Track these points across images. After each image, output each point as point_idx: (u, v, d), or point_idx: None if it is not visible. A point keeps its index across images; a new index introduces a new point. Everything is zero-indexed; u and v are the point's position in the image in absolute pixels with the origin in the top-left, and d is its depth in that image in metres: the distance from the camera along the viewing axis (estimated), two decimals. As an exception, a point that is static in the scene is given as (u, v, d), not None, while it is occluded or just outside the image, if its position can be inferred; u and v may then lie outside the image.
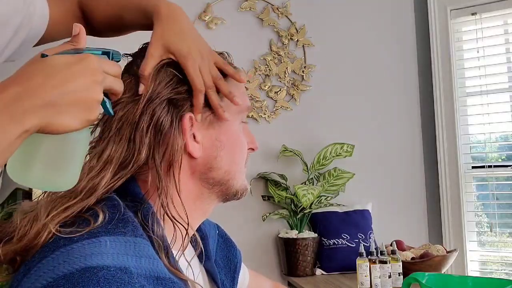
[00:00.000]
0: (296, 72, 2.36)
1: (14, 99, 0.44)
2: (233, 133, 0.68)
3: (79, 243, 0.51)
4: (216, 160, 0.65)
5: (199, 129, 0.64)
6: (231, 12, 2.31)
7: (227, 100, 0.67)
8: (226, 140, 0.66)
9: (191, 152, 0.63)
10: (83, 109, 0.48)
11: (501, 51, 2.38)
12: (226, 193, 0.68)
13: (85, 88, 0.48)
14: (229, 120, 0.66)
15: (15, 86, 0.45)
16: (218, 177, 0.66)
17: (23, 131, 0.44)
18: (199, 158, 0.64)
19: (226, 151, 0.66)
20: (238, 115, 0.69)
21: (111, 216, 0.55)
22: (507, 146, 2.41)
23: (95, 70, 0.49)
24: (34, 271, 0.49)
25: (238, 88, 0.70)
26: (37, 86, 0.45)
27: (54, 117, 0.46)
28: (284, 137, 2.28)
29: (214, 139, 0.65)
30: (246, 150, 0.71)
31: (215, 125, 0.66)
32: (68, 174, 0.52)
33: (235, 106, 0.67)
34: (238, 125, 0.69)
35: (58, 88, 0.46)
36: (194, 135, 0.63)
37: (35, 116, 0.44)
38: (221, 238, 0.83)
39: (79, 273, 0.47)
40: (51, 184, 0.51)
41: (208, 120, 0.65)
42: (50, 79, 0.46)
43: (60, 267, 0.48)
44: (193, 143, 0.63)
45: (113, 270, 0.49)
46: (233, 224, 2.14)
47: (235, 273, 0.79)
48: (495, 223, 2.29)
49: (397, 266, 1.69)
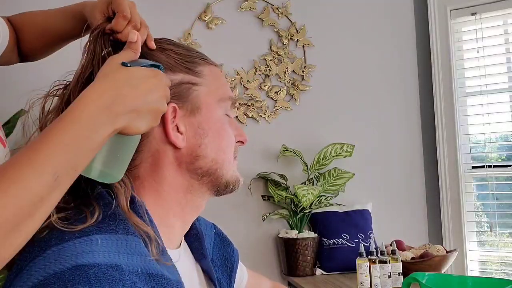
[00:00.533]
0: (296, 72, 2.36)
1: (111, 103, 0.53)
2: (216, 121, 0.67)
3: (71, 242, 0.51)
4: (200, 148, 0.65)
5: (181, 119, 0.64)
6: (231, 12, 2.31)
7: (206, 86, 0.67)
8: (208, 127, 0.66)
9: (175, 142, 0.63)
10: (154, 117, 0.58)
11: (501, 51, 2.38)
12: (217, 184, 0.67)
13: (158, 100, 0.58)
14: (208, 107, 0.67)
15: (110, 91, 0.54)
16: (206, 166, 0.65)
17: (113, 130, 0.53)
18: (183, 148, 0.64)
19: (210, 138, 0.66)
20: (219, 103, 0.68)
21: (103, 214, 0.56)
22: (507, 146, 2.41)
23: (165, 86, 0.60)
24: (26, 270, 0.49)
25: (217, 75, 0.70)
26: (127, 94, 0.54)
27: (135, 121, 0.55)
28: (284, 137, 2.28)
29: (196, 127, 0.65)
30: (233, 141, 0.70)
31: (196, 113, 0.65)
32: (124, 168, 0.59)
33: (216, 94, 0.68)
34: (221, 114, 0.68)
35: (141, 98, 0.56)
36: (177, 126, 0.63)
37: (123, 119, 0.54)
38: (217, 237, 0.83)
39: (70, 271, 0.47)
40: (110, 176, 0.58)
41: (189, 108, 0.65)
42: (136, 90, 0.55)
43: (51, 265, 0.48)
44: (176, 134, 0.63)
45: (104, 268, 0.49)
46: (233, 224, 2.14)
47: (232, 272, 0.79)
48: (495, 223, 2.29)
49: (397, 266, 1.69)
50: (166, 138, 0.63)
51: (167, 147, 0.63)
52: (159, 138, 0.63)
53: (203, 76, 0.67)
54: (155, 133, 0.63)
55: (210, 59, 0.71)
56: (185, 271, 0.65)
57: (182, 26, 2.25)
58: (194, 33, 2.25)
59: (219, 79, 0.70)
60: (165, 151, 0.63)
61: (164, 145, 0.63)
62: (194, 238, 0.73)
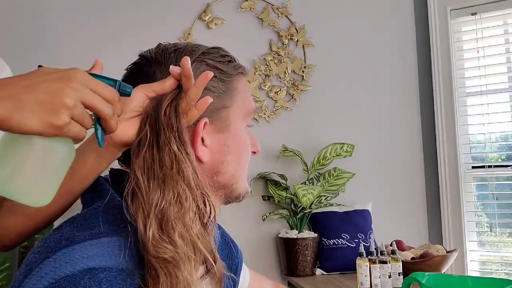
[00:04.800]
0: (296, 72, 2.36)
1: None
2: (241, 138, 0.67)
3: (81, 244, 0.51)
4: (223, 164, 0.65)
5: (208, 133, 0.63)
6: (231, 12, 2.31)
7: (236, 103, 0.66)
8: (233, 145, 0.66)
9: (200, 156, 0.62)
10: (47, 111, 0.46)
11: (501, 51, 2.38)
12: (229, 196, 0.68)
13: (54, 90, 0.47)
14: (235, 126, 0.66)
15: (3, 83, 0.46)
16: (224, 181, 0.66)
17: None
18: (206, 162, 0.63)
19: (233, 155, 0.66)
20: (244, 119, 0.68)
21: (112, 216, 0.55)
22: (507, 146, 2.41)
23: (74, 78, 0.48)
24: (36, 272, 0.49)
25: (246, 88, 0.69)
26: (10, 82, 0.46)
27: (15, 111, 0.45)
28: (284, 137, 2.28)
29: (222, 144, 0.65)
30: (250, 155, 0.71)
31: (224, 131, 0.65)
32: (46, 189, 0.50)
33: (243, 109, 0.67)
34: (244, 129, 0.69)
35: (27, 87, 0.46)
36: (203, 139, 0.63)
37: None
38: (222, 238, 0.83)
39: (81, 274, 0.47)
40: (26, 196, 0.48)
41: (218, 125, 0.64)
42: (24, 80, 0.47)
43: (62, 268, 0.48)
44: (202, 147, 0.62)
45: (115, 271, 0.49)
46: (233, 224, 2.14)
47: (236, 273, 0.79)
48: (495, 223, 2.29)
49: (397, 266, 1.69)
50: None
51: None
52: None
53: (236, 92, 0.67)
54: None
55: (243, 66, 0.70)
56: None
57: (182, 26, 2.25)
58: (194, 33, 2.25)
59: (247, 92, 0.70)
60: None
61: None
62: None
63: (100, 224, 0.54)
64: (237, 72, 0.68)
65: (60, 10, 2.13)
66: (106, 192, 0.59)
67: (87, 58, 0.63)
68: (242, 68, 0.70)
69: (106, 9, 2.18)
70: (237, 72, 0.68)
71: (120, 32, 2.15)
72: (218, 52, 0.67)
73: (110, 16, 2.17)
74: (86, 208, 0.59)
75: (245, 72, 0.70)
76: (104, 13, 2.17)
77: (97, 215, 0.55)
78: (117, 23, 2.17)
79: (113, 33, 2.15)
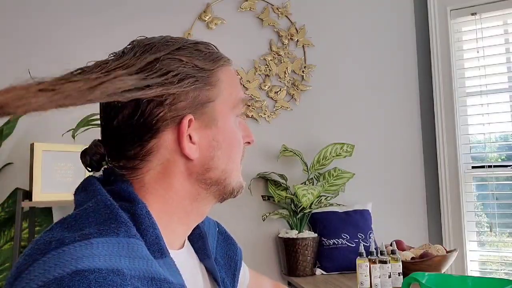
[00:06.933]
0: (296, 72, 2.36)
1: None
2: (230, 132, 0.66)
3: (71, 246, 0.50)
4: (213, 160, 0.64)
5: (195, 130, 0.62)
6: (231, 12, 2.31)
7: (222, 96, 0.65)
8: (222, 139, 0.65)
9: (188, 154, 0.61)
10: None
11: (501, 51, 2.38)
12: (223, 192, 0.67)
13: None
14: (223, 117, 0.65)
15: None
16: (216, 177, 0.65)
17: None
18: (195, 159, 0.63)
19: (223, 150, 0.65)
20: (233, 110, 0.67)
21: (103, 216, 0.55)
22: (506, 146, 2.41)
23: None
24: (25, 274, 0.49)
25: (232, 79, 0.68)
26: None
27: None
28: (284, 137, 2.28)
29: (211, 139, 0.64)
30: (242, 146, 0.69)
31: (211, 126, 0.64)
32: None
33: (230, 101, 0.66)
34: (233, 121, 0.67)
35: None
36: (190, 136, 0.62)
37: None
38: (221, 236, 0.82)
39: (70, 276, 0.47)
40: None
41: (205, 121, 0.63)
42: None
43: (51, 270, 0.48)
44: (189, 145, 0.62)
45: (105, 273, 0.48)
46: (233, 224, 2.14)
47: (235, 271, 0.79)
48: (495, 223, 2.29)
49: (397, 266, 1.69)
50: (179, 149, 0.61)
51: (179, 157, 0.62)
52: (172, 149, 0.61)
53: (220, 84, 0.65)
54: (167, 143, 0.61)
55: (226, 57, 0.68)
56: (188, 272, 0.64)
57: (182, 26, 2.26)
58: (194, 33, 2.25)
59: (232, 81, 0.68)
60: (176, 161, 0.62)
61: (176, 155, 0.62)
62: (197, 238, 0.73)
63: (91, 225, 0.53)
64: (218, 65, 0.66)
65: (60, 10, 2.13)
66: (98, 192, 0.58)
67: (87, 58, 0.63)
68: (225, 59, 0.68)
69: (106, 9, 2.18)
70: (218, 65, 0.66)
71: (120, 32, 2.15)
72: (196, 47, 0.65)
73: (109, 16, 2.17)
74: (77, 209, 0.59)
75: (229, 62, 0.68)
76: (104, 13, 2.17)
77: (88, 215, 0.55)
78: (117, 23, 2.17)
79: (113, 33, 2.15)
